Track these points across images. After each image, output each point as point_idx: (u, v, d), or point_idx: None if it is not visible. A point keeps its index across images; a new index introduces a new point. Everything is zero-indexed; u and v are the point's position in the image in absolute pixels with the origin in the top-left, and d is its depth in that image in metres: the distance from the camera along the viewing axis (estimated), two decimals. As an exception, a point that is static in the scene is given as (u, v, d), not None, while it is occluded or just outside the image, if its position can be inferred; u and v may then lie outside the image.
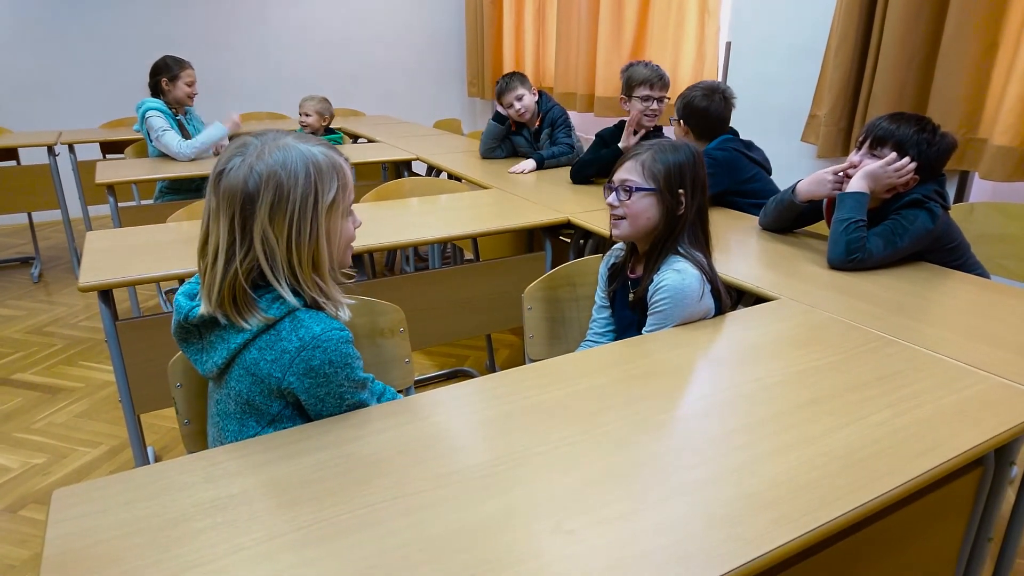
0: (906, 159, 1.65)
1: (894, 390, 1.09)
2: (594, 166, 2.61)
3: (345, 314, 1.05)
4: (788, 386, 1.11)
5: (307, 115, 3.55)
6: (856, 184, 1.69)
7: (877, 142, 1.70)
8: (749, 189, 2.21)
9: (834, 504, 0.83)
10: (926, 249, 1.70)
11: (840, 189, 1.75)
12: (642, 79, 2.48)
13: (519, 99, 2.97)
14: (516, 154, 3.19)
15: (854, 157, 1.74)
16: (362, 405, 1.06)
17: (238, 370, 1.02)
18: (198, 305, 1.02)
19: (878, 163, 1.67)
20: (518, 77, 3.00)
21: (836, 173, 1.77)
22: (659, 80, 2.47)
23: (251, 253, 0.98)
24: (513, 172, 2.85)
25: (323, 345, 1.00)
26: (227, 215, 0.98)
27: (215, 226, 1.00)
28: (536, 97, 3.03)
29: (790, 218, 1.93)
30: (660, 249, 1.40)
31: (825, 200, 1.84)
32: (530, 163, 2.89)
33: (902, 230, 1.65)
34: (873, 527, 0.95)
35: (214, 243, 1.00)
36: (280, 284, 1.00)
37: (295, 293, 1.02)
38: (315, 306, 1.04)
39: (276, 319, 1.00)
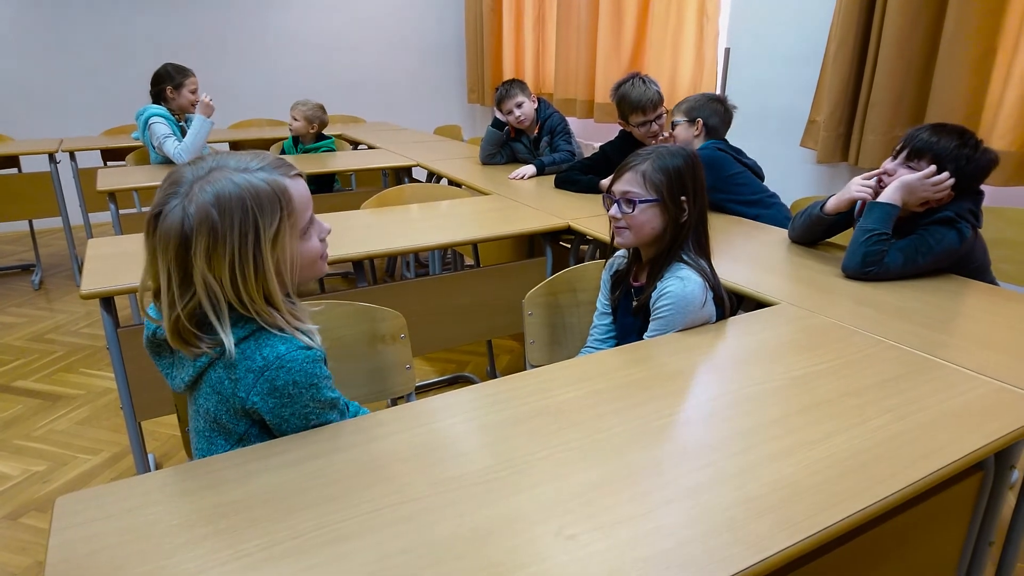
0: (945, 174, 1.58)
1: (894, 394, 1.10)
2: (575, 187, 2.63)
3: (316, 339, 1.01)
4: (789, 391, 1.11)
5: (294, 119, 3.52)
6: (889, 195, 1.63)
7: (915, 153, 1.62)
8: (735, 186, 2.21)
9: (835, 508, 0.83)
10: (946, 268, 1.65)
11: (865, 194, 1.70)
12: (633, 106, 2.47)
13: (519, 106, 2.98)
14: (516, 160, 3.20)
15: (888, 165, 1.68)
16: (329, 424, 1.03)
17: (205, 388, 1.00)
18: None
19: (916, 175, 1.60)
20: (518, 84, 3.01)
21: (869, 178, 1.71)
22: (650, 103, 2.46)
23: (193, 299, 0.94)
24: (513, 178, 2.86)
25: (287, 365, 0.96)
26: (164, 261, 0.93)
27: (153, 269, 0.95)
28: (536, 104, 3.03)
29: (819, 231, 1.88)
30: (665, 257, 1.40)
31: (858, 206, 1.79)
32: (530, 169, 2.89)
33: (926, 249, 1.61)
34: (874, 531, 0.95)
35: (155, 284, 0.96)
36: (222, 329, 0.95)
37: (249, 319, 0.98)
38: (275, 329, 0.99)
39: (240, 338, 0.97)
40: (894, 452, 0.94)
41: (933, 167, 1.60)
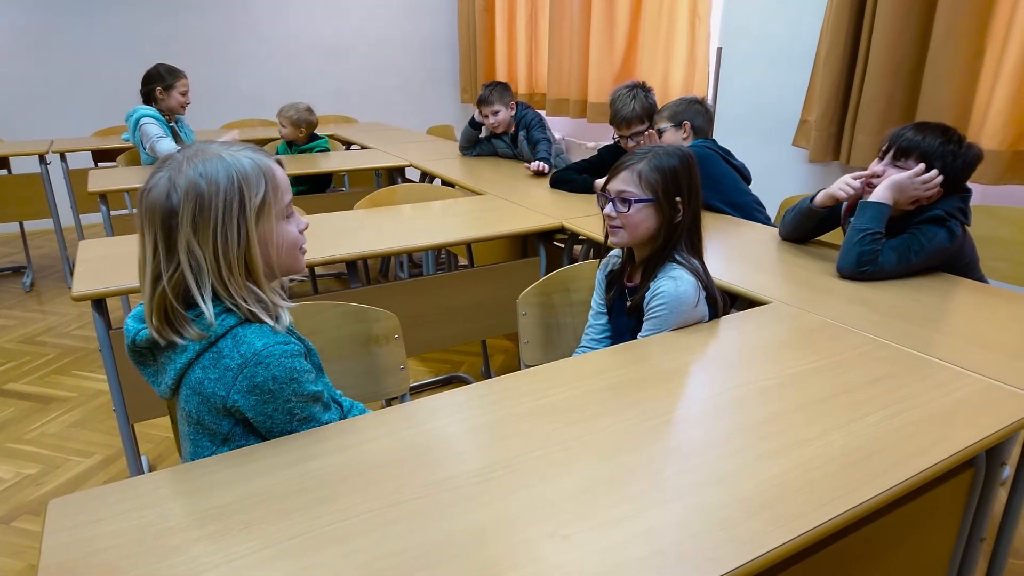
0: (934, 172, 1.60)
1: (886, 393, 1.10)
2: (569, 186, 2.65)
3: (285, 318, 1.03)
4: (782, 389, 1.12)
5: (282, 126, 3.55)
6: (880, 194, 1.64)
7: (901, 153, 1.64)
8: (722, 186, 2.22)
9: (828, 506, 0.83)
10: (937, 266, 1.67)
11: (857, 194, 1.71)
12: (611, 120, 2.55)
13: (494, 114, 3.22)
14: (496, 155, 3.43)
15: (876, 167, 1.69)
16: (315, 419, 1.03)
17: (186, 390, 1.00)
18: (145, 328, 1.00)
19: (906, 174, 1.62)
20: (498, 92, 3.15)
21: (857, 179, 1.71)
22: (624, 122, 2.49)
23: (178, 270, 0.96)
24: (534, 172, 2.93)
25: (265, 361, 0.97)
26: (151, 233, 0.96)
27: (142, 244, 0.98)
28: (512, 112, 3.22)
29: (809, 226, 1.88)
30: (658, 258, 1.40)
31: (844, 205, 1.80)
32: (544, 165, 2.95)
33: (918, 247, 1.62)
34: (867, 528, 0.96)
35: (142, 261, 0.98)
36: (203, 301, 0.96)
37: (228, 310, 0.99)
38: (254, 319, 1.00)
39: (217, 336, 0.98)
40: (886, 449, 0.94)
41: (922, 165, 1.61)
